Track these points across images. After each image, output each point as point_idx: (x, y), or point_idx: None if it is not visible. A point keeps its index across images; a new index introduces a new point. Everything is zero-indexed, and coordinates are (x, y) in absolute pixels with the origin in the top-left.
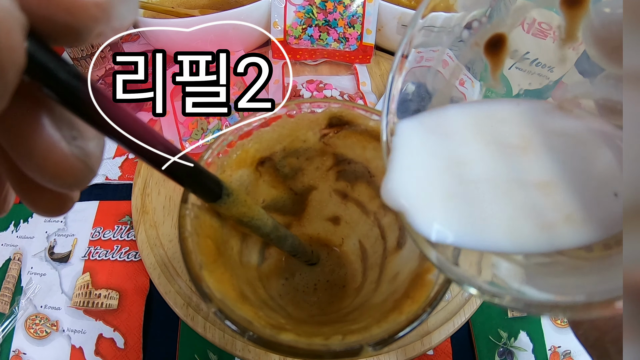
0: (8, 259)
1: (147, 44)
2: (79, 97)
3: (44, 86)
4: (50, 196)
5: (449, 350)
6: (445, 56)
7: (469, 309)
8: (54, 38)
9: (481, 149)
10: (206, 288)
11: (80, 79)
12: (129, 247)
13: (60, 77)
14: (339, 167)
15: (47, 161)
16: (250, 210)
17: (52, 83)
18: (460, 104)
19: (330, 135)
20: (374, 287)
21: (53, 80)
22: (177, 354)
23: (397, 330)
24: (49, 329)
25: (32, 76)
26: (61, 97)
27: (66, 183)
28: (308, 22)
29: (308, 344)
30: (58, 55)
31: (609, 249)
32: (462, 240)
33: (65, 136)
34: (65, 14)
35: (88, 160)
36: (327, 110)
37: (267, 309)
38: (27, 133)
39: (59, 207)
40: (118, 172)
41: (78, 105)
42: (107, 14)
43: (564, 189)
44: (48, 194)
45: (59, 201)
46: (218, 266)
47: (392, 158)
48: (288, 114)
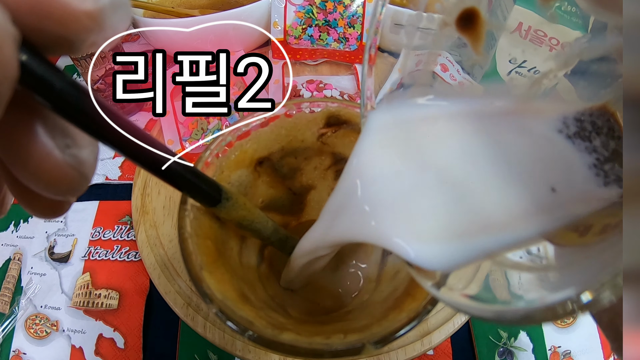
0: (8, 259)
1: (147, 44)
2: (75, 105)
3: (38, 95)
4: (46, 200)
5: (449, 350)
6: (445, 60)
7: None
8: (47, 48)
9: (429, 153)
10: (207, 289)
11: (75, 87)
12: (129, 247)
13: (55, 86)
14: (338, 167)
15: (40, 169)
16: (250, 214)
17: (47, 92)
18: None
19: (329, 135)
20: (374, 285)
21: (48, 89)
22: (177, 354)
23: (398, 328)
24: (49, 329)
25: (26, 86)
26: (56, 105)
27: (60, 191)
28: (308, 22)
29: (309, 343)
30: (52, 64)
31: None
32: (420, 252)
33: (59, 144)
34: (57, 25)
35: (81, 168)
36: (325, 110)
37: (268, 308)
38: (20, 142)
39: (55, 210)
40: (118, 172)
41: (73, 113)
42: (98, 24)
43: (504, 188)
44: (44, 197)
45: (55, 204)
46: (218, 267)
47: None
48: (286, 114)
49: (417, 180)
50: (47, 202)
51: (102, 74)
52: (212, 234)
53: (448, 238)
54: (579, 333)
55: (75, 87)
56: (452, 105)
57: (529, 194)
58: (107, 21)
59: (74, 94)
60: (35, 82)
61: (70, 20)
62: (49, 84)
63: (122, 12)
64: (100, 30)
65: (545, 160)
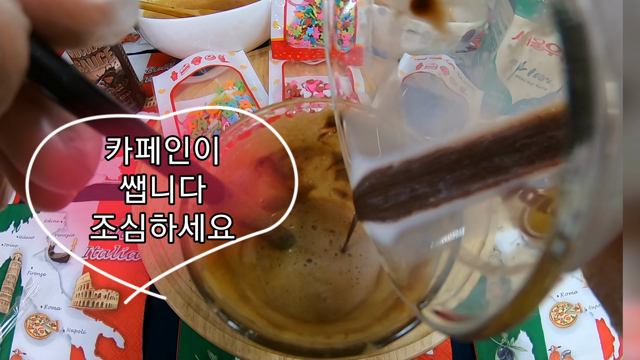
0: (8, 259)
1: (147, 44)
2: (82, 98)
3: (44, 88)
4: (47, 192)
5: (449, 350)
6: (446, 63)
7: None
8: (55, 41)
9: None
10: (208, 289)
11: (83, 80)
12: (129, 247)
13: (63, 79)
14: (338, 166)
15: (43, 162)
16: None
17: (54, 85)
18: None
19: (329, 135)
20: (375, 285)
21: (55, 82)
22: (177, 354)
23: (399, 328)
24: (49, 329)
25: (34, 78)
26: (63, 99)
27: (63, 184)
28: (308, 22)
29: (310, 342)
30: (60, 57)
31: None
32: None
33: (63, 137)
34: (66, 17)
35: (85, 161)
36: (326, 110)
37: (268, 308)
38: (24, 134)
39: (57, 203)
40: (118, 172)
41: (80, 106)
42: (107, 17)
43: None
44: (46, 190)
45: (56, 197)
46: (219, 267)
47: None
48: (287, 114)
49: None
50: (48, 195)
51: (102, 73)
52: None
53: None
54: (579, 333)
55: (82, 80)
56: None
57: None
58: (115, 15)
59: (82, 87)
60: (43, 75)
61: (79, 12)
62: (57, 77)
63: (130, 7)
64: (109, 24)
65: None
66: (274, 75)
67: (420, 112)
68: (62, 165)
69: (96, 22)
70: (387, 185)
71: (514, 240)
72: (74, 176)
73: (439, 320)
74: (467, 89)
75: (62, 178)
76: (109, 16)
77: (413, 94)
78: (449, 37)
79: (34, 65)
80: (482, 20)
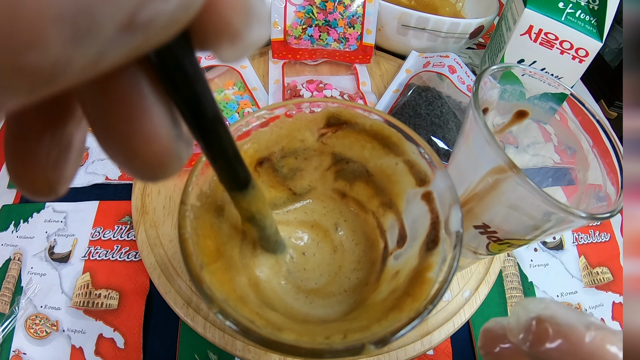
0: (8, 259)
1: None
2: (205, 116)
3: (180, 91)
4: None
5: (449, 350)
6: (453, 62)
7: (469, 309)
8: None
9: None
10: (207, 289)
11: (214, 104)
12: (129, 247)
13: (197, 90)
14: (338, 167)
15: (150, 149)
16: (264, 208)
17: (186, 91)
18: None
19: (329, 135)
20: (374, 285)
21: (189, 89)
22: (177, 354)
23: (398, 328)
24: (49, 329)
25: (172, 77)
26: (191, 109)
27: (153, 174)
28: (308, 22)
29: (309, 342)
30: (199, 66)
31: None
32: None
33: (173, 133)
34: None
35: (181, 162)
36: (325, 110)
37: (268, 308)
38: (148, 117)
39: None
40: (118, 172)
41: (200, 121)
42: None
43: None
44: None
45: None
46: (219, 267)
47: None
48: (286, 114)
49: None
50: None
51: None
52: (212, 234)
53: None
54: None
55: (214, 104)
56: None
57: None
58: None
59: (208, 106)
60: (181, 78)
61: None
62: (191, 84)
63: (260, 28)
64: (235, 45)
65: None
66: (274, 75)
67: (427, 111)
68: (162, 158)
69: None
70: None
71: None
72: (166, 171)
73: None
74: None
75: (157, 169)
76: (239, 36)
77: (420, 93)
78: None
79: (177, 66)
80: (493, 15)
